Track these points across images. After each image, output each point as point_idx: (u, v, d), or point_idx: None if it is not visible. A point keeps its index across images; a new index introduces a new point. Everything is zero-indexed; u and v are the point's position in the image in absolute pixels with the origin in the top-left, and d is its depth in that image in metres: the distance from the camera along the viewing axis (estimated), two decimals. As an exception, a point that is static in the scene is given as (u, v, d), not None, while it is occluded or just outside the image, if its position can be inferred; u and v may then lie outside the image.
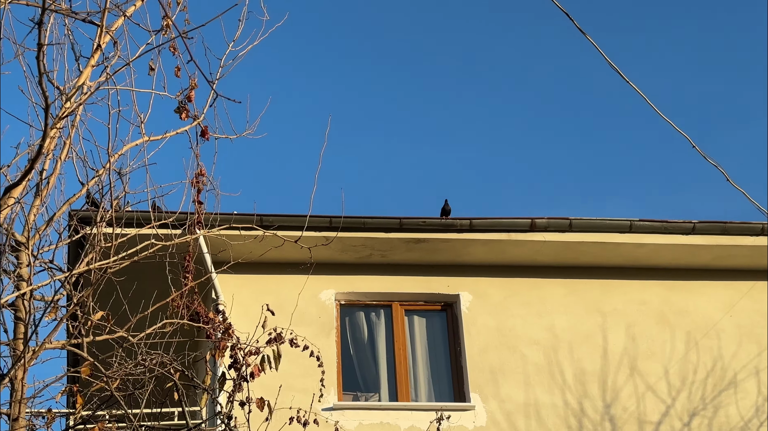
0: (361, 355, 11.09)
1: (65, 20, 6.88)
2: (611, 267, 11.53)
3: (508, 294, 11.32)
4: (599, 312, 11.30)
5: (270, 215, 10.28)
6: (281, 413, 7.55)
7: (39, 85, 5.68)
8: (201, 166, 7.71)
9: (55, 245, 7.12)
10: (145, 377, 6.98)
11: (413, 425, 10.27)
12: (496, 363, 10.86)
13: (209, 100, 6.98)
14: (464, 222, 11.07)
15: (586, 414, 10.70)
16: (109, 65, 6.62)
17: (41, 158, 6.16)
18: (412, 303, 11.35)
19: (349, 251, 11.08)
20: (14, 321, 6.60)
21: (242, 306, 9.75)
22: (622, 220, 11.21)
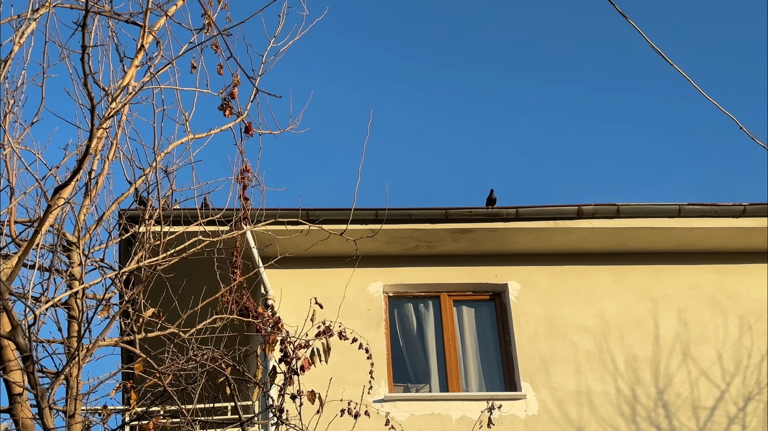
0: (411, 347, 11.11)
1: (109, 22, 6.97)
2: (661, 252, 11.42)
3: (556, 282, 11.26)
4: (650, 298, 11.19)
5: (316, 209, 10.32)
6: (332, 405, 7.59)
7: (84, 86, 5.75)
8: (246, 162, 7.77)
9: (106, 244, 7.23)
10: (197, 372, 7.05)
11: (465, 415, 10.26)
12: (547, 352, 10.81)
13: (252, 96, 7.02)
14: (510, 211, 11.02)
15: (639, 401, 10.62)
16: (152, 65, 6.70)
17: (89, 158, 6.25)
18: (460, 293, 11.34)
19: (396, 243, 11.10)
20: (68, 319, 6.71)
21: (291, 301, 9.83)
22: (671, 205, 11.09)
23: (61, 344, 6.60)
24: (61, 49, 6.67)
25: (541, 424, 10.39)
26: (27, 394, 5.76)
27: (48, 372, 6.32)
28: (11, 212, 6.47)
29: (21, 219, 6.82)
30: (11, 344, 5.74)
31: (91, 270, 7.13)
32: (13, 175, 6.48)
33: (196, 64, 6.70)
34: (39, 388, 5.59)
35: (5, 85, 6.39)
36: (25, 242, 6.21)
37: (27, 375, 5.61)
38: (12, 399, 5.76)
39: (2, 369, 5.74)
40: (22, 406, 5.72)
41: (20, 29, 6.35)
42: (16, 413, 5.71)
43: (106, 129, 6.67)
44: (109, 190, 7.22)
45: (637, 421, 10.50)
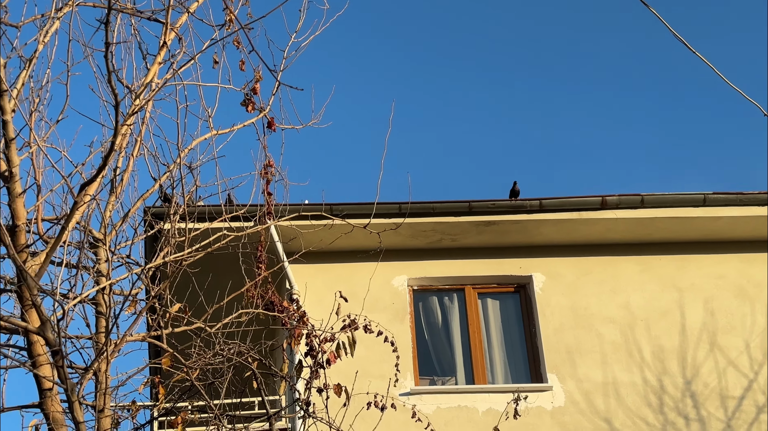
0: (436, 339, 11.12)
1: (131, 20, 7.01)
2: (686, 242, 11.37)
3: (581, 273, 11.24)
4: (676, 288, 11.15)
5: (339, 204, 10.35)
6: (359, 398, 7.61)
7: (108, 83, 5.80)
8: (269, 157, 7.80)
9: (132, 241, 7.27)
10: (224, 366, 7.09)
11: (491, 407, 10.26)
12: (572, 343, 10.79)
13: (274, 90, 7.05)
14: (534, 203, 11.01)
15: (666, 391, 10.58)
16: (175, 62, 6.73)
17: (114, 155, 6.30)
18: (484, 285, 11.34)
19: (420, 236, 11.11)
20: (95, 315, 6.77)
21: (316, 295, 9.85)
22: (696, 194, 11.03)
23: (89, 340, 6.66)
24: (84, 48, 6.72)
25: (568, 416, 10.38)
26: (57, 389, 5.82)
27: (77, 368, 6.38)
28: (38, 210, 6.54)
29: (48, 217, 6.88)
30: (41, 339, 5.80)
31: (118, 267, 7.18)
32: (40, 173, 6.55)
33: (218, 60, 6.74)
34: (69, 382, 5.64)
35: (30, 84, 6.45)
36: (52, 239, 6.27)
37: (56, 370, 5.67)
38: (42, 394, 5.82)
39: (32, 363, 5.80)
40: (52, 401, 5.78)
41: (44, 28, 6.41)
42: (46, 407, 5.77)
43: (130, 126, 6.71)
44: (134, 187, 7.27)
45: (665, 412, 10.47)
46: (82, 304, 6.63)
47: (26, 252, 6.05)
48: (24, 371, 6.00)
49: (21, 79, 6.29)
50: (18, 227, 6.01)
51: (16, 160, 6.01)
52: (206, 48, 6.64)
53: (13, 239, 5.94)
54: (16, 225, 6.02)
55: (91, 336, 6.57)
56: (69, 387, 5.64)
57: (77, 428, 5.71)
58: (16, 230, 6.01)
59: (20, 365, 5.83)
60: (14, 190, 6.03)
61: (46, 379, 5.76)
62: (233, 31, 6.59)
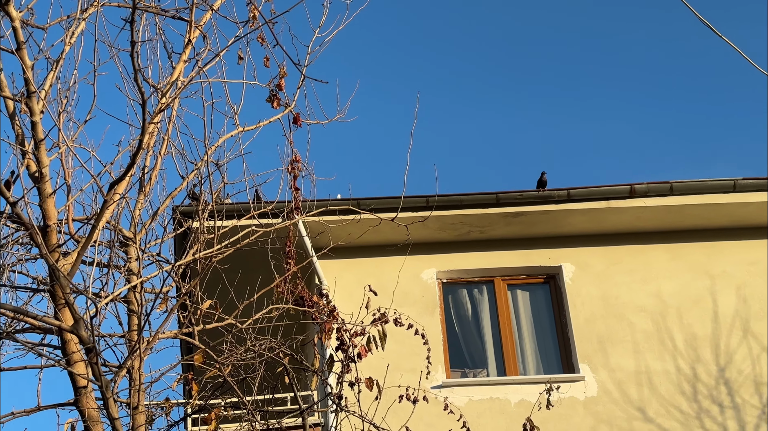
0: (467, 332, 11.10)
1: (156, 19, 7.06)
2: (717, 228, 11.27)
3: (611, 262, 11.17)
4: (707, 275, 11.06)
5: (366, 198, 10.33)
6: (390, 392, 7.60)
7: (134, 81, 5.85)
8: (295, 152, 7.82)
9: (161, 239, 7.32)
10: (256, 362, 7.11)
11: (523, 399, 10.24)
12: (604, 333, 10.74)
13: (299, 84, 7.07)
14: (562, 193, 10.95)
15: (699, 379, 10.50)
16: (200, 59, 6.77)
17: (141, 153, 6.35)
18: (514, 277, 11.30)
19: (448, 229, 11.09)
20: (127, 313, 6.82)
21: (346, 290, 9.86)
22: (725, 180, 10.93)
23: (122, 338, 6.72)
24: (110, 48, 6.78)
25: (601, 405, 10.33)
26: (91, 387, 5.87)
27: (111, 366, 6.44)
28: (69, 210, 6.60)
29: (78, 217, 6.94)
30: (74, 338, 5.86)
31: (148, 265, 7.25)
32: (69, 173, 6.60)
33: (243, 55, 6.76)
34: (103, 379, 5.69)
35: (58, 85, 6.50)
36: (83, 239, 6.32)
37: (90, 367, 5.72)
38: (77, 391, 5.87)
39: (66, 361, 5.85)
40: (87, 398, 5.83)
41: (70, 29, 6.47)
42: (81, 405, 5.82)
43: (157, 124, 6.75)
44: (162, 185, 7.32)
45: (699, 399, 10.39)
46: (114, 303, 6.68)
47: (58, 251, 6.11)
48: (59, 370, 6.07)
49: (48, 80, 6.35)
50: (49, 227, 6.07)
51: (45, 160, 6.07)
52: (231, 45, 6.67)
53: (44, 239, 6.00)
54: (47, 225, 6.08)
55: (124, 334, 6.62)
56: (103, 384, 5.69)
57: (112, 425, 5.76)
58: (48, 230, 6.07)
59: (55, 363, 5.89)
60: (45, 190, 6.10)
61: (80, 377, 5.82)
62: (257, 27, 6.61)
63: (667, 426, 10.24)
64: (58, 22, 6.56)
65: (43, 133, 6.08)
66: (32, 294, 6.55)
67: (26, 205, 6.08)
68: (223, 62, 7.05)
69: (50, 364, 6.00)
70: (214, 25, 7.07)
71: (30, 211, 6.13)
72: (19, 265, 6.76)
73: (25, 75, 6.05)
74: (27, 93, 6.03)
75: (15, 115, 6.32)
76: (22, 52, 6.10)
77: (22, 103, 6.10)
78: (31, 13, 6.43)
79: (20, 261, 6.77)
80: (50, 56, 6.46)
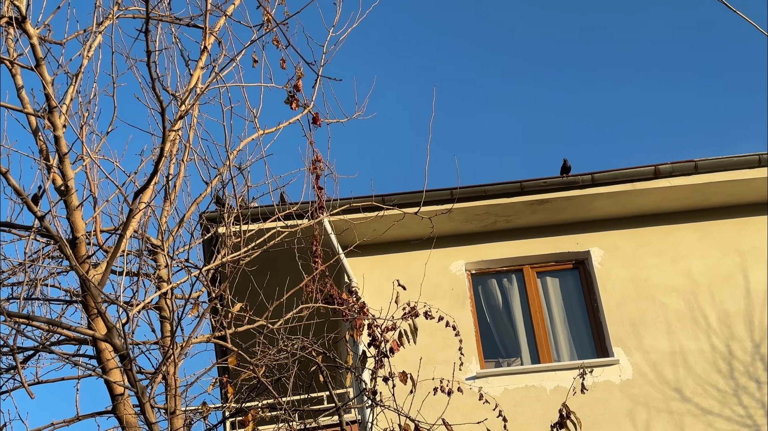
0: (498, 322, 11.11)
1: (171, 28, 7.13)
2: (744, 204, 11.20)
3: (639, 244, 11.14)
4: (737, 252, 10.99)
5: (390, 194, 10.37)
6: (425, 385, 7.63)
7: (152, 89, 5.91)
8: (317, 152, 7.87)
9: (189, 245, 7.40)
10: (289, 361, 7.16)
11: (558, 385, 10.23)
12: (636, 315, 10.70)
13: (315, 83, 7.12)
14: (586, 178, 10.93)
15: (735, 356, 10.45)
16: (216, 65, 6.83)
17: (164, 161, 6.42)
18: (542, 264, 11.29)
19: (474, 220, 11.10)
20: (160, 320, 6.90)
21: (375, 287, 9.89)
22: (750, 155, 10.86)
23: (155, 345, 6.80)
24: (127, 59, 6.85)
25: (637, 388, 10.31)
26: (128, 394, 5.95)
27: (146, 373, 6.52)
28: (96, 221, 6.68)
29: (106, 228, 7.03)
30: (108, 346, 5.93)
31: (178, 271, 7.32)
32: (95, 185, 6.69)
33: (258, 59, 6.82)
34: (139, 385, 5.76)
35: (78, 99, 6.59)
36: (111, 249, 6.40)
37: (126, 374, 5.79)
38: (114, 399, 5.95)
39: (102, 369, 5.93)
40: (124, 405, 5.91)
41: (87, 43, 6.55)
42: (119, 412, 5.90)
43: (178, 132, 6.83)
44: (186, 192, 7.40)
45: (735, 376, 10.34)
46: (146, 310, 6.77)
47: (88, 263, 6.20)
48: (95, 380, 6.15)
49: (69, 94, 6.43)
50: (78, 239, 6.16)
51: (70, 173, 6.15)
52: (246, 48, 6.73)
53: (74, 251, 6.08)
54: (75, 237, 6.17)
55: (158, 340, 6.70)
56: (140, 390, 5.76)
57: (150, 429, 5.83)
58: (77, 242, 6.15)
59: (92, 372, 5.97)
60: (71, 203, 6.18)
61: (116, 384, 5.90)
62: (271, 29, 6.66)
63: (705, 405, 10.20)
64: (75, 37, 6.65)
65: (67, 147, 6.17)
66: (65, 306, 6.65)
67: (54, 219, 6.18)
68: (240, 67, 7.11)
69: (87, 374, 6.08)
70: (228, 30, 7.13)
71: (58, 224, 6.23)
72: (51, 279, 6.86)
73: (46, 90, 6.14)
74: (48, 108, 6.12)
75: (38, 130, 6.42)
76: (42, 68, 6.19)
77: (44, 118, 6.19)
78: (48, 29, 6.52)
79: (52, 275, 6.87)
80: (69, 71, 6.56)
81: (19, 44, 6.44)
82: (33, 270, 6.47)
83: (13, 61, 6.32)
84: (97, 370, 5.96)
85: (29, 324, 5.98)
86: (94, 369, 5.97)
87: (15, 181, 5.97)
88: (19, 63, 6.35)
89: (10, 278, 6.56)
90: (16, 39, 6.42)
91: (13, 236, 6.63)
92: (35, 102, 6.46)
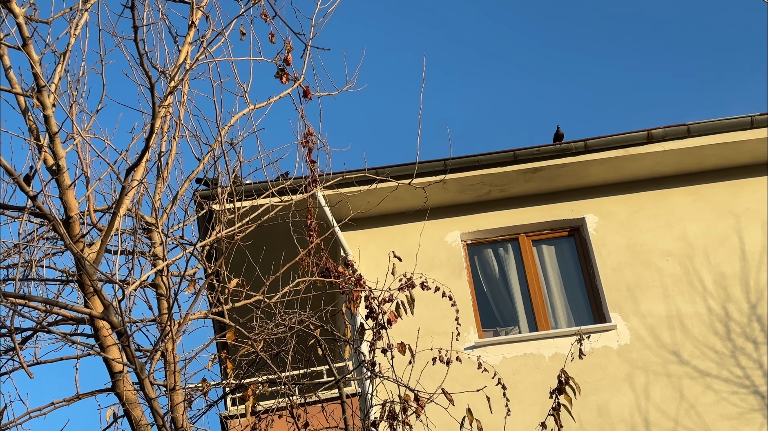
0: (495, 291, 11.13)
1: (158, 4, 7.08)
2: (738, 166, 11.22)
3: (634, 209, 11.15)
4: (731, 214, 11.01)
5: (383, 167, 10.36)
6: (423, 356, 7.63)
7: (141, 66, 5.88)
8: (308, 125, 7.85)
9: (183, 222, 7.38)
10: (287, 335, 7.17)
11: (557, 352, 10.27)
12: (632, 280, 10.73)
13: (305, 56, 7.08)
14: (579, 145, 10.93)
15: (732, 318, 10.49)
16: (204, 40, 6.79)
17: (155, 137, 6.38)
18: (538, 232, 11.30)
19: (468, 191, 11.10)
20: (156, 298, 6.89)
21: (371, 260, 9.91)
22: (742, 117, 10.87)
23: (153, 322, 6.79)
24: (114, 35, 6.80)
25: (635, 352, 10.35)
26: (127, 371, 5.95)
27: (144, 350, 6.52)
28: (89, 200, 6.65)
29: (99, 208, 7.00)
30: (106, 324, 5.93)
31: (173, 248, 7.30)
32: (87, 164, 6.66)
33: (246, 32, 6.78)
34: (137, 362, 5.77)
35: (67, 78, 6.55)
36: (105, 227, 6.37)
37: (124, 351, 5.79)
38: (113, 376, 5.95)
39: (99, 346, 5.93)
40: (123, 382, 5.91)
41: (74, 21, 6.50)
42: (119, 389, 5.91)
43: (168, 108, 6.79)
44: (179, 169, 7.36)
45: (733, 338, 10.39)
46: (143, 288, 6.76)
47: (82, 242, 6.18)
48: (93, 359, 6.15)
49: (57, 73, 6.39)
50: (71, 218, 6.13)
51: (61, 152, 6.12)
52: (234, 22, 6.68)
53: (68, 230, 6.06)
54: (69, 216, 6.14)
55: (155, 318, 6.69)
56: (138, 367, 5.77)
57: (150, 405, 5.84)
58: (70, 221, 6.13)
59: (90, 351, 5.97)
60: (63, 182, 6.15)
61: (115, 362, 5.90)
62: (257, 1, 6.62)
63: (703, 367, 10.25)
64: (62, 15, 6.59)
65: (57, 126, 6.13)
66: (62, 286, 6.63)
67: (47, 198, 6.15)
68: (229, 42, 7.06)
69: (85, 353, 6.07)
70: (216, 5, 7.08)
71: (51, 203, 6.20)
72: (47, 260, 6.84)
73: (34, 70, 6.10)
74: (37, 88, 6.08)
75: (27, 110, 6.38)
76: (29, 47, 6.14)
77: (33, 98, 6.16)
78: (33, 8, 6.47)
79: (47, 256, 6.85)
80: (56, 49, 6.50)
81: (5, 24, 6.39)
82: (28, 251, 6.45)
83: (0, 41, 6.27)
84: (95, 348, 5.96)
85: (26, 305, 5.97)
86: (92, 348, 5.97)
87: (6, 161, 5.95)
88: (6, 43, 6.30)
89: (5, 260, 6.54)
90: (2, 19, 6.37)
91: (6, 218, 6.60)
92: (23, 82, 6.42)
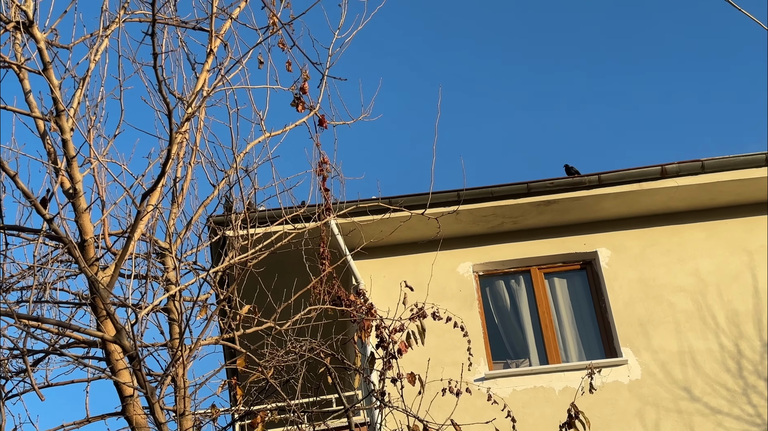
0: (506, 323, 11.11)
1: (177, 31, 7.16)
2: (751, 203, 11.19)
3: (646, 244, 11.13)
4: (745, 251, 10.98)
5: (397, 196, 10.38)
6: (433, 386, 7.62)
7: (159, 92, 5.94)
8: (323, 154, 7.89)
9: (196, 248, 7.42)
10: (297, 363, 7.16)
11: (567, 386, 10.22)
12: (644, 315, 10.70)
13: (320, 85, 7.14)
14: (593, 179, 10.93)
15: (744, 356, 10.43)
16: (222, 67, 6.86)
17: (171, 163, 6.44)
18: (550, 265, 11.29)
19: (481, 222, 11.11)
20: (168, 322, 6.92)
21: (383, 289, 9.92)
22: (757, 154, 10.86)
23: (164, 347, 6.81)
24: (133, 62, 6.88)
25: (645, 388, 10.29)
26: (137, 395, 5.96)
27: (155, 374, 6.53)
28: (104, 224, 6.70)
29: (114, 232, 7.05)
30: (117, 348, 5.95)
31: (186, 274, 7.34)
32: (103, 188, 6.71)
33: (264, 61, 6.84)
34: (148, 386, 5.78)
35: (86, 102, 6.62)
36: (120, 252, 6.41)
37: (135, 375, 5.81)
38: (124, 400, 5.97)
39: (111, 370, 5.95)
40: (134, 406, 5.93)
41: (94, 47, 6.58)
42: (129, 413, 5.92)
43: (185, 134, 6.85)
44: (194, 195, 7.42)
45: (744, 375, 10.32)
46: (155, 313, 6.79)
47: (96, 265, 6.22)
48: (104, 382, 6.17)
49: (76, 98, 6.47)
50: (86, 242, 6.18)
51: (78, 176, 6.18)
52: (252, 50, 6.75)
53: (82, 254, 6.11)
54: (84, 240, 6.19)
55: (166, 342, 6.71)
56: (149, 391, 5.78)
57: (159, 429, 5.85)
58: (85, 245, 6.18)
59: (101, 374, 5.99)
60: (79, 206, 6.21)
61: (126, 386, 5.91)
62: (276, 31, 6.69)
63: (714, 404, 10.18)
64: (82, 41, 6.68)
65: (75, 150, 6.20)
66: (74, 309, 6.67)
67: (62, 222, 6.20)
68: (246, 69, 7.14)
69: (96, 376, 6.09)
70: (234, 33, 7.17)
71: (66, 227, 6.25)
72: (60, 282, 6.88)
73: (53, 94, 6.18)
74: (56, 112, 6.15)
75: (46, 134, 6.45)
76: (49, 72, 6.22)
77: (51, 122, 6.22)
78: (55, 33, 6.56)
79: (61, 279, 6.90)
80: (76, 74, 6.59)
81: (26, 49, 6.47)
82: (42, 273, 6.49)
83: (21, 66, 6.36)
84: (106, 372, 5.98)
85: (39, 327, 6.00)
86: (103, 371, 5.99)
87: (24, 184, 6.00)
88: (26, 67, 6.38)
89: (19, 282, 6.58)
90: (24, 43, 6.46)
91: (22, 240, 6.65)
92: (42, 106, 6.50)
